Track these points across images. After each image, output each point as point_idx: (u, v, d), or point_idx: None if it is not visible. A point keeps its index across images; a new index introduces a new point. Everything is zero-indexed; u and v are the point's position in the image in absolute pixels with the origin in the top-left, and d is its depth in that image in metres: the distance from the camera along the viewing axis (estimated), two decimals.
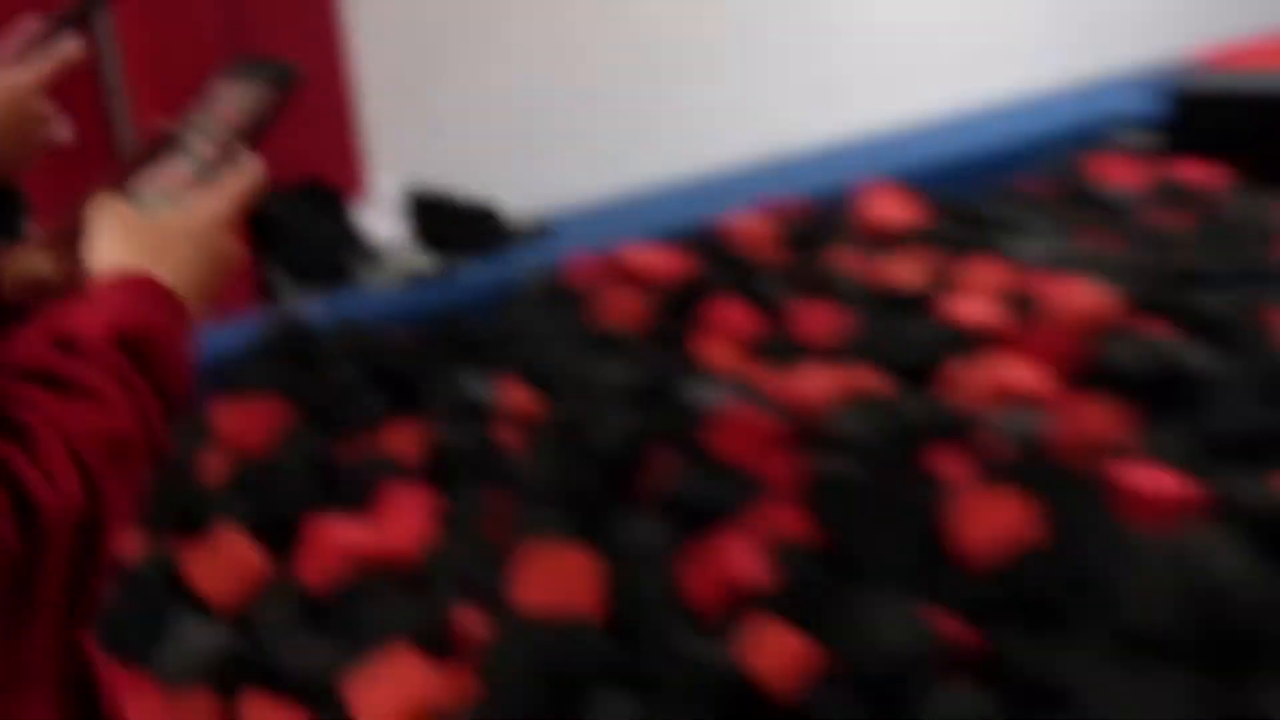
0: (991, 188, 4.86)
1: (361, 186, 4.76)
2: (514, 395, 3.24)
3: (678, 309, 3.75)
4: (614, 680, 2.10)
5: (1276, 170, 4.21)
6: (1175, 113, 4.85)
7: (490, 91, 5.04)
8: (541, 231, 4.84)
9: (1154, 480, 2.31)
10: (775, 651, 2.10)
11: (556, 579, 2.32)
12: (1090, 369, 2.81)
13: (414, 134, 4.87)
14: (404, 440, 3.07)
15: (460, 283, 4.44)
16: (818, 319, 3.53)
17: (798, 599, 2.27)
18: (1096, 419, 2.57)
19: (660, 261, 4.05)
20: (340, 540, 2.59)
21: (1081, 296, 3.22)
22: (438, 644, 2.27)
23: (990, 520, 2.30)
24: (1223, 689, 1.86)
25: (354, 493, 2.83)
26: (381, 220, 4.71)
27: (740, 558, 2.38)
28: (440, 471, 2.93)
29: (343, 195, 4.66)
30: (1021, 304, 3.39)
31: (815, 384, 3.08)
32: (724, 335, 3.49)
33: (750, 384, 3.13)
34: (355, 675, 2.17)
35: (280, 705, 2.21)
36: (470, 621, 2.31)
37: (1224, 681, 1.87)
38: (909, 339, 3.30)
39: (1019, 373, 2.78)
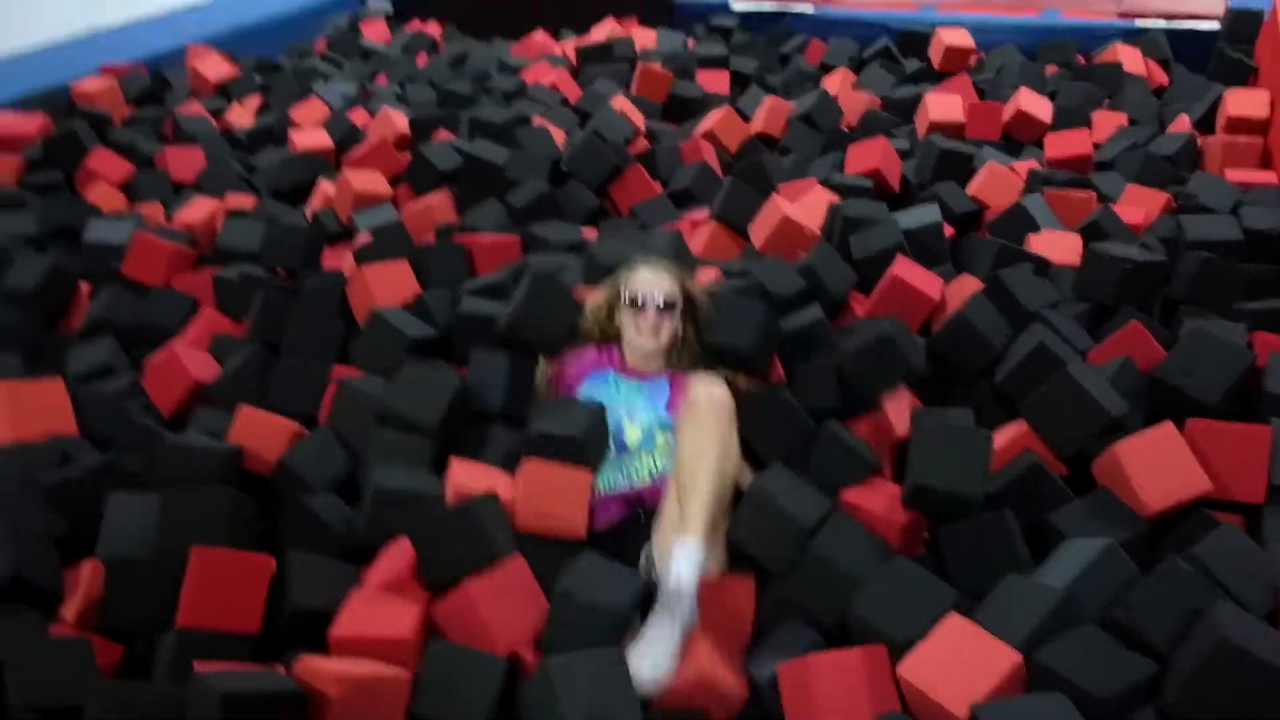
0: (287, 46, 5.76)
1: None
2: None
3: (51, 165, 3.93)
4: (121, 486, 2.23)
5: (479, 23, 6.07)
6: None
7: None
8: None
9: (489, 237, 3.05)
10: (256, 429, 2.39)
11: (24, 409, 2.46)
12: (412, 170, 3.72)
13: None
14: None
15: None
16: (184, 159, 4.02)
17: (245, 383, 2.60)
18: (438, 205, 3.47)
19: (22, 123, 4.15)
20: None
21: (391, 121, 4.15)
22: None
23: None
24: None
25: None
26: None
27: (193, 359, 2.74)
28: None
29: None
30: (350, 131, 4.24)
31: (201, 210, 3.64)
32: (104, 181, 3.82)
33: (146, 219, 3.57)
34: None
35: None
36: None
37: None
38: (271, 166, 3.96)
39: (367, 180, 3.62)
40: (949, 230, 3.13)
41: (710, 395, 2.07)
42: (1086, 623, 1.69)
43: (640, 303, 2.35)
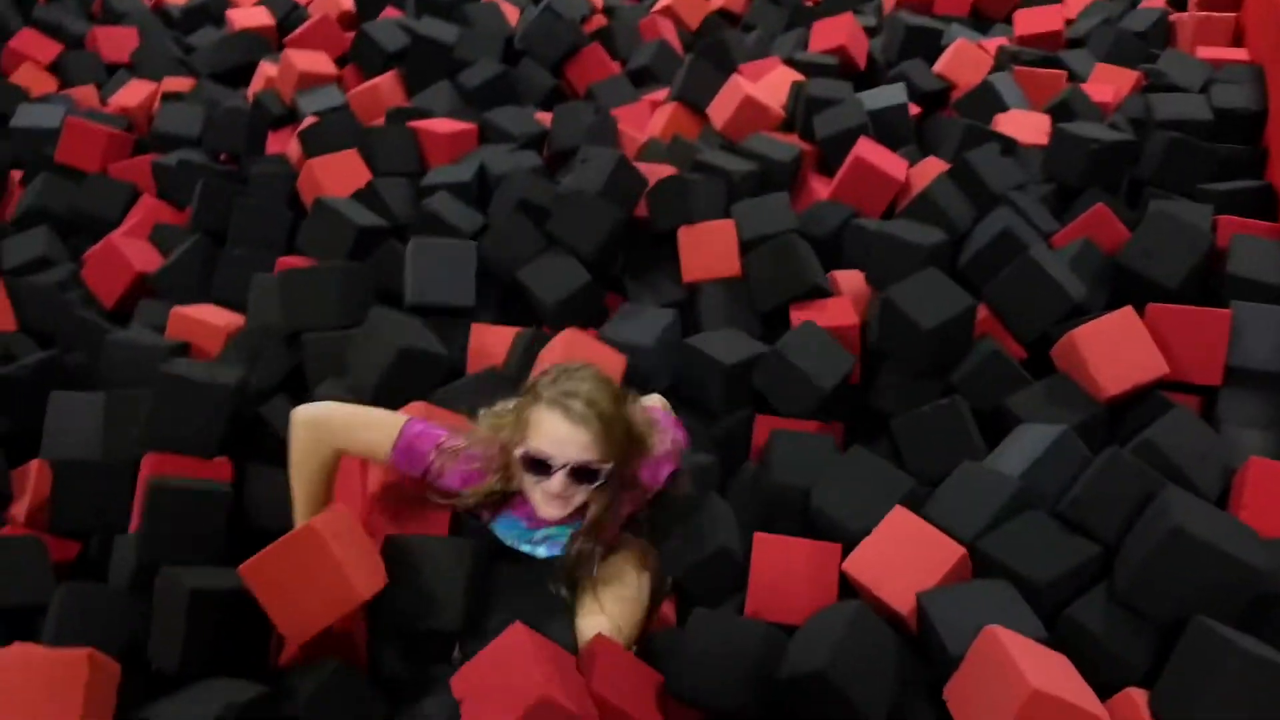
0: None
1: None
2: None
3: None
4: (65, 383, 2.15)
5: None
6: None
7: None
8: None
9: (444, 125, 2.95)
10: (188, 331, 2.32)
11: None
12: (357, 50, 3.54)
13: None
14: None
15: None
16: (115, 39, 3.81)
17: (188, 274, 2.57)
18: (386, 87, 3.34)
19: None
20: None
21: None
22: None
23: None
24: None
25: None
26: None
27: (134, 250, 2.66)
28: None
29: None
30: (292, 9, 4.02)
31: (136, 93, 3.46)
32: (31, 62, 3.61)
33: (78, 102, 3.39)
34: None
35: None
36: None
37: None
38: (209, 47, 3.76)
39: (311, 60, 3.44)
40: (915, 109, 3.05)
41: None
42: (1039, 510, 1.69)
43: (544, 466, 1.63)
